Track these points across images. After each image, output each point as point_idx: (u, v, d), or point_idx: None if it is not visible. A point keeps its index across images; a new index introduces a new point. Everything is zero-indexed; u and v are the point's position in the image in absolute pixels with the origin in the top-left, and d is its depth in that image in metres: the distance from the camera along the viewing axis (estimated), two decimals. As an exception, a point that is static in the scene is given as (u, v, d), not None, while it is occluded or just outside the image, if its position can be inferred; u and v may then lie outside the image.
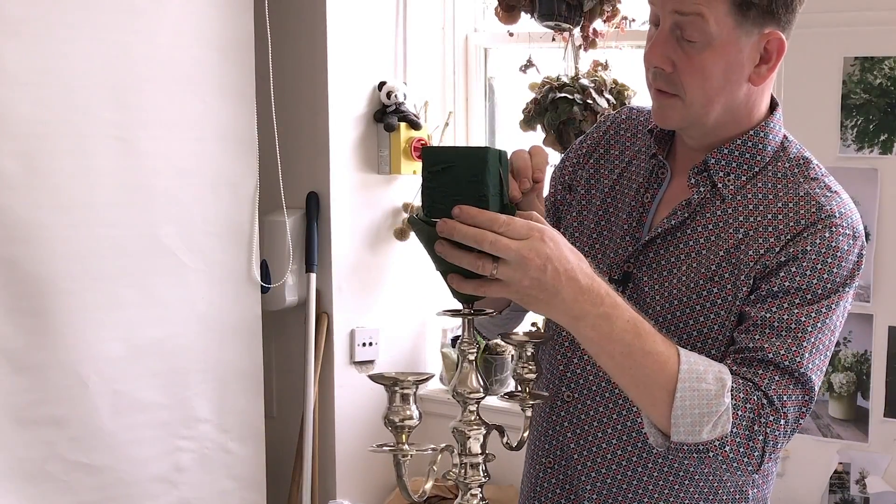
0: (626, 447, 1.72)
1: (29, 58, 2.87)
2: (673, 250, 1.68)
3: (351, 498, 3.70)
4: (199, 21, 3.22)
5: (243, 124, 3.35)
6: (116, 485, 3.09)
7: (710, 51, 1.58)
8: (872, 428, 3.01)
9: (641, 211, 1.74)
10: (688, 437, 1.49)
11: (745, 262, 1.63)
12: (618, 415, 1.72)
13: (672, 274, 1.67)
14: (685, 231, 1.68)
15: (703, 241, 1.67)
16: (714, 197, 1.68)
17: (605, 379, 1.72)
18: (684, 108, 1.63)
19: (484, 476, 1.40)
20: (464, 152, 1.35)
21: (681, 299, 1.65)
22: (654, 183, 1.75)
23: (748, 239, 1.63)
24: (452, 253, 1.32)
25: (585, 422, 1.74)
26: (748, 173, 1.68)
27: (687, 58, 1.59)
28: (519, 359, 1.48)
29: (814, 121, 3.01)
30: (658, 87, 1.63)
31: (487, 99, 3.95)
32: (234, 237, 3.36)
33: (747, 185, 1.68)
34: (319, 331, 3.64)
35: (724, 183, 1.68)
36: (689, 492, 1.72)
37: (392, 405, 1.32)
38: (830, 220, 1.62)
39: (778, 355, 1.56)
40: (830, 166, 2.98)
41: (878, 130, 2.94)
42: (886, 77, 2.91)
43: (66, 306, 2.97)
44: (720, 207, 1.67)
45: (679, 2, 1.57)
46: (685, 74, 1.60)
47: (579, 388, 1.74)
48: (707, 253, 1.66)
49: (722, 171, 1.68)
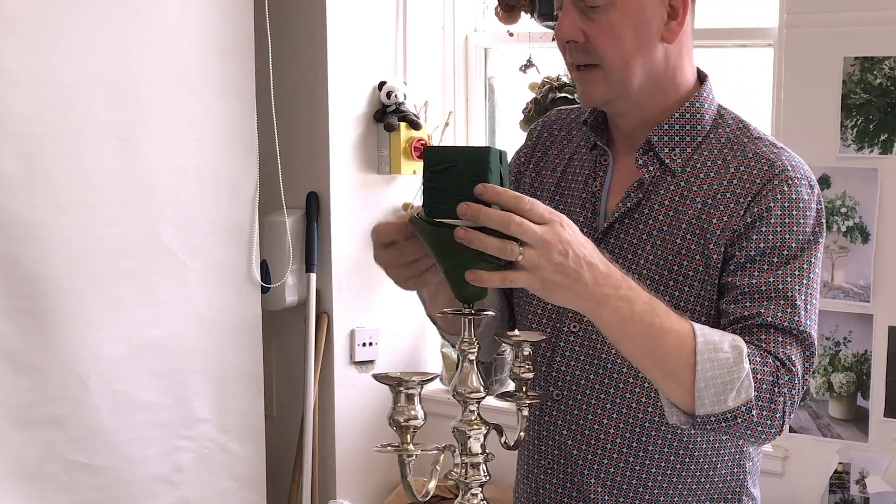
0: (625, 434, 1.72)
1: (29, 58, 2.87)
2: (634, 232, 1.71)
3: (351, 498, 3.70)
4: (199, 21, 3.22)
5: (243, 124, 3.35)
6: (116, 485, 3.09)
7: (614, 11, 1.63)
8: (872, 428, 3.01)
9: (593, 201, 1.76)
10: (714, 408, 1.51)
11: (711, 230, 1.65)
12: (611, 404, 1.72)
13: (638, 255, 1.70)
14: (642, 212, 1.71)
15: (662, 217, 1.70)
16: (664, 174, 1.71)
17: (592, 370, 1.72)
18: (605, 78, 1.66)
19: (484, 476, 1.40)
20: (465, 152, 1.35)
21: (652, 278, 1.67)
22: (599, 172, 1.77)
23: (708, 208, 1.66)
24: (477, 238, 1.31)
25: (579, 416, 1.74)
26: (691, 145, 1.71)
27: (595, 24, 1.64)
28: (516, 358, 1.48)
29: (814, 121, 3.01)
30: (576, 61, 1.67)
31: (487, 99, 3.95)
32: (234, 237, 3.36)
33: (693, 157, 1.71)
34: (319, 331, 3.64)
35: (671, 158, 1.71)
36: (691, 469, 1.73)
37: (397, 405, 1.32)
38: (785, 174, 1.66)
39: (776, 318, 1.58)
40: (830, 166, 3.01)
41: (878, 130, 2.94)
42: (886, 77, 2.91)
43: (66, 306, 2.97)
44: (672, 182, 1.71)
45: None
46: (597, 40, 1.64)
47: (567, 384, 1.74)
48: (669, 229, 1.68)
49: (666, 147, 1.71)
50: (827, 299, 3.01)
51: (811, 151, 3.02)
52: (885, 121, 2.92)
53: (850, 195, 2.98)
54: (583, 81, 1.69)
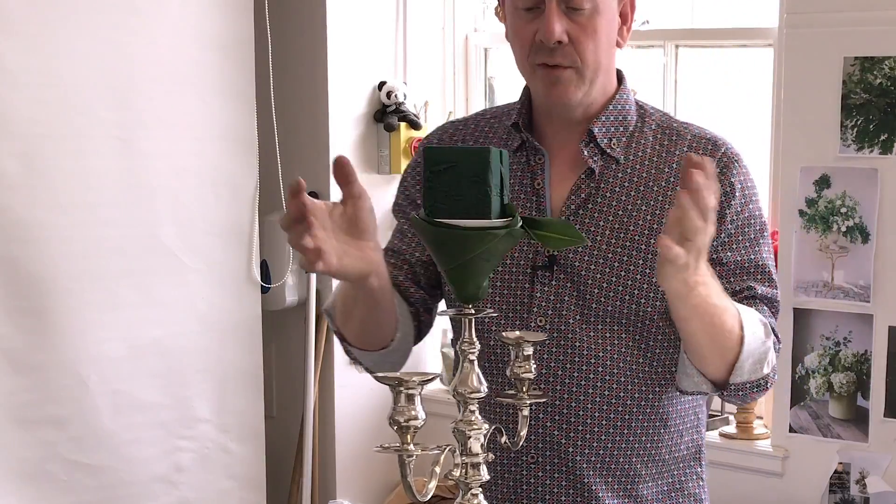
0: (608, 414, 1.76)
1: (29, 58, 2.87)
2: (589, 222, 1.75)
3: (351, 498, 3.70)
4: (199, 21, 3.22)
5: (243, 124, 3.36)
6: (116, 485, 3.09)
7: (598, 15, 1.69)
8: (872, 428, 3.01)
9: (537, 199, 1.78)
10: (750, 377, 1.65)
11: None
12: (591, 388, 1.75)
13: (598, 242, 1.74)
14: (595, 201, 1.76)
15: (615, 203, 1.76)
16: (608, 163, 1.77)
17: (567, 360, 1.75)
18: (580, 79, 1.72)
19: (485, 476, 1.40)
20: (466, 152, 1.35)
21: (620, 260, 1.73)
22: (536, 170, 1.79)
23: (663, 190, 1.75)
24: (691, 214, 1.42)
25: (562, 406, 1.76)
26: (625, 135, 1.79)
27: (579, 26, 1.68)
28: (516, 358, 1.48)
29: (814, 121, 3.01)
30: (557, 61, 1.69)
31: (487, 99, 3.95)
32: (234, 237, 3.36)
33: (632, 145, 1.78)
34: (319, 331, 3.64)
35: (612, 147, 1.77)
36: (664, 438, 1.81)
37: (397, 405, 1.32)
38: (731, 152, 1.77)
39: (763, 289, 1.74)
40: (830, 166, 3.01)
41: (878, 130, 2.94)
42: (886, 77, 2.91)
43: (66, 306, 2.97)
44: (619, 170, 1.77)
45: None
46: (581, 42, 1.69)
47: (543, 378, 1.76)
48: (626, 211, 1.75)
49: (605, 138, 1.77)
50: (827, 299, 3.01)
51: (811, 151, 3.02)
52: (885, 121, 2.92)
53: (850, 195, 2.98)
54: (559, 81, 1.72)
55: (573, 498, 1.79)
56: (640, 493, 1.81)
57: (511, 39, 1.77)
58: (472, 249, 1.32)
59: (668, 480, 1.83)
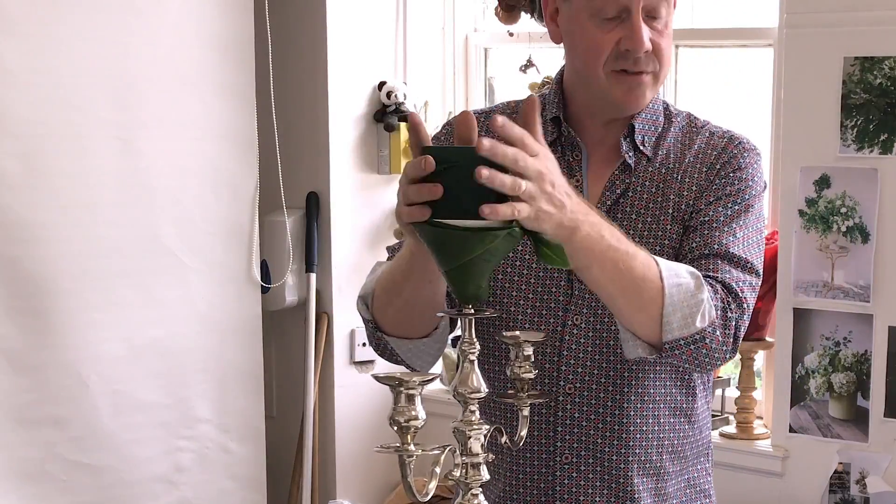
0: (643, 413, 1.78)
1: (29, 58, 2.87)
2: (622, 216, 1.77)
3: (351, 498, 3.70)
4: (199, 21, 3.22)
5: (243, 124, 3.36)
6: (116, 485, 3.10)
7: (671, 17, 1.73)
8: (872, 428, 3.01)
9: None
10: (682, 332, 1.58)
11: (685, 201, 1.76)
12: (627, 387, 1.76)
13: (631, 235, 1.72)
14: (627, 196, 1.78)
15: (647, 197, 1.78)
16: (640, 159, 1.80)
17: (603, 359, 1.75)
18: (656, 83, 1.76)
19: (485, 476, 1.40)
20: (466, 152, 1.35)
21: (653, 249, 1.72)
22: (574, 166, 1.80)
23: (688, 181, 1.77)
24: (495, 175, 1.30)
25: (598, 405, 1.76)
26: (656, 133, 1.81)
27: (658, 33, 1.72)
28: (516, 358, 1.48)
29: (814, 121, 3.01)
30: (641, 69, 1.72)
31: (487, 99, 3.95)
32: (234, 237, 3.36)
33: (661, 143, 1.81)
34: (319, 331, 3.64)
35: (645, 145, 1.80)
36: (690, 435, 1.83)
37: (397, 405, 1.32)
38: (740, 141, 1.79)
39: (722, 245, 1.69)
40: (830, 166, 3.01)
41: (878, 130, 2.94)
42: (886, 77, 2.91)
43: (66, 306, 2.97)
44: (650, 166, 1.80)
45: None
46: (661, 48, 1.72)
47: (579, 376, 1.76)
48: (659, 200, 1.77)
49: (640, 135, 1.80)
50: (827, 299, 3.01)
51: (811, 151, 3.02)
52: (885, 121, 2.92)
53: (850, 195, 2.98)
54: (640, 87, 1.74)
55: (608, 498, 1.79)
56: (667, 491, 1.82)
57: (578, 45, 1.76)
58: (472, 250, 1.32)
59: (685, 477, 1.85)
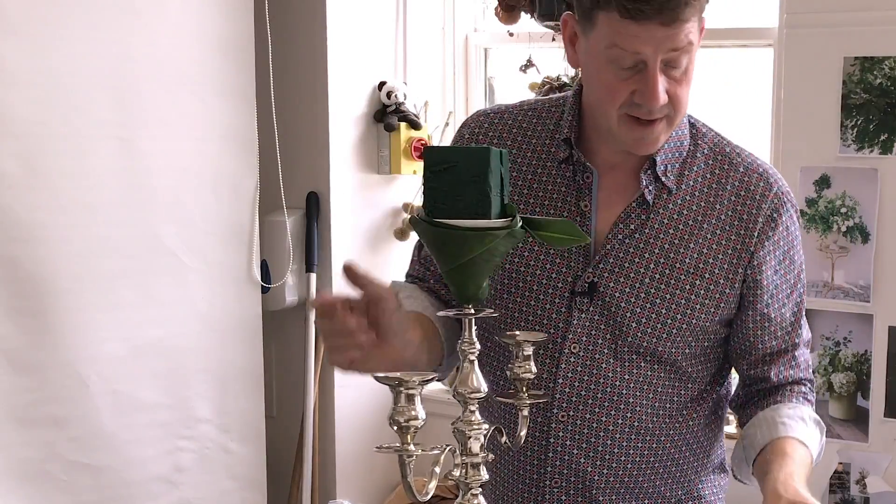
0: (636, 443, 1.75)
1: (29, 58, 2.87)
2: (636, 251, 1.71)
3: (351, 498, 3.70)
4: (199, 21, 3.22)
5: (243, 124, 3.35)
6: (116, 485, 3.09)
7: (691, 63, 1.63)
8: (872, 428, 3.01)
9: (580, 219, 1.72)
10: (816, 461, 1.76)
11: (722, 250, 1.70)
12: (620, 417, 1.73)
13: (641, 274, 1.70)
14: (643, 231, 1.71)
15: (663, 236, 1.71)
16: (661, 192, 1.72)
17: (597, 388, 1.73)
18: (669, 126, 1.67)
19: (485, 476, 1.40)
20: (466, 152, 1.35)
21: (662, 298, 1.69)
22: (584, 189, 1.73)
23: (713, 228, 1.71)
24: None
25: (589, 435, 1.75)
26: (679, 161, 1.73)
27: (676, 82, 1.62)
28: (516, 358, 1.48)
29: (814, 121, 3.01)
30: (654, 117, 1.64)
31: (487, 99, 3.95)
32: (234, 237, 3.36)
33: (684, 173, 1.73)
34: (319, 331, 3.64)
35: (667, 176, 1.72)
36: (688, 458, 1.82)
37: (397, 405, 1.32)
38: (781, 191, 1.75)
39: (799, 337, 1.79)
40: (830, 166, 3.01)
41: (878, 130, 2.94)
42: (886, 77, 2.91)
43: (66, 306, 2.97)
44: (670, 201, 1.72)
45: (672, 41, 1.58)
46: (678, 97, 1.63)
47: (573, 405, 1.74)
48: (675, 246, 1.70)
49: (662, 167, 1.72)
50: (827, 299, 3.01)
51: (811, 151, 3.02)
52: (885, 121, 2.92)
53: (850, 195, 2.98)
54: (652, 132, 1.65)
55: None
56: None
57: (593, 82, 1.68)
58: (472, 249, 1.32)
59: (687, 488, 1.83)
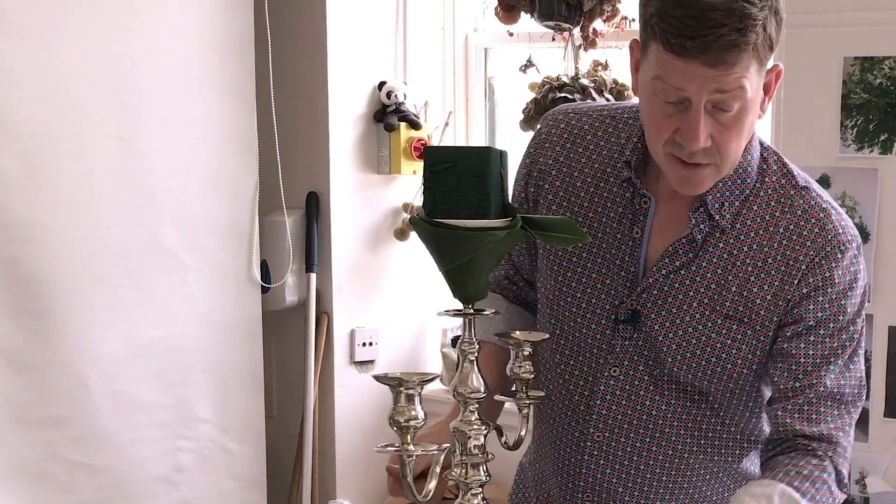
0: (670, 471, 1.75)
1: (29, 58, 2.87)
2: (680, 287, 1.67)
3: (351, 498, 3.70)
4: (199, 21, 3.22)
5: (243, 124, 3.35)
6: (117, 485, 3.09)
7: (745, 112, 1.55)
8: (872, 428, 3.01)
9: (632, 245, 1.70)
10: None
11: (762, 296, 1.65)
12: (655, 444, 1.73)
13: (683, 311, 1.67)
14: (689, 268, 1.67)
15: (710, 276, 1.67)
16: (713, 230, 1.67)
17: (634, 415, 1.72)
18: (716, 174, 1.61)
19: (485, 476, 1.40)
20: (466, 152, 1.35)
21: (699, 338, 1.67)
22: (639, 214, 1.69)
23: (758, 271, 1.65)
24: None
25: (623, 458, 1.74)
26: (739, 198, 1.67)
27: (724, 127, 1.55)
28: (516, 358, 1.48)
29: (814, 121, 3.01)
30: (697, 160, 1.57)
31: (487, 99, 3.95)
32: (234, 237, 3.36)
33: (742, 211, 1.67)
34: (319, 331, 3.64)
35: (721, 214, 1.66)
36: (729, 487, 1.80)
37: (397, 405, 1.32)
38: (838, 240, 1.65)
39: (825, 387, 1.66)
40: (830, 166, 3.00)
41: (878, 130, 2.94)
42: (886, 77, 2.91)
43: (66, 306, 2.97)
44: (721, 239, 1.67)
45: (720, 82, 1.50)
46: (725, 144, 1.56)
47: (609, 427, 1.74)
48: (718, 288, 1.66)
49: (717, 203, 1.66)
50: (827, 299, 3.01)
51: (811, 151, 3.02)
52: (885, 121, 2.92)
53: (850, 195, 2.98)
54: (695, 177, 1.60)
55: None
56: None
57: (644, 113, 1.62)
58: (472, 249, 1.32)
59: None
